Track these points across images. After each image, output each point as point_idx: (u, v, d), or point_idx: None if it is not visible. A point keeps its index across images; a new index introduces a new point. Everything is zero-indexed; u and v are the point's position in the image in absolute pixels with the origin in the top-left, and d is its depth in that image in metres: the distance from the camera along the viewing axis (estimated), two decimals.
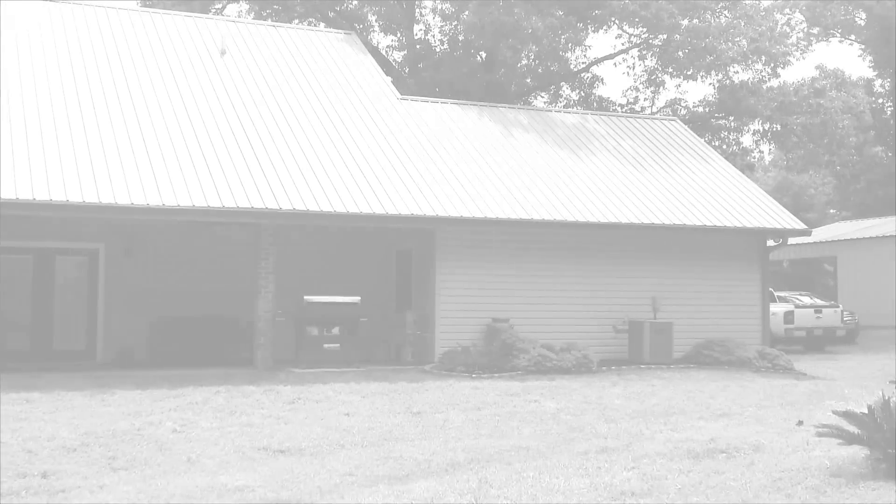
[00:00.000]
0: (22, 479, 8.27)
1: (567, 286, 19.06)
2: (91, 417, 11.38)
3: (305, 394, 13.61)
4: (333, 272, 19.36)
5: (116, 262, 18.61)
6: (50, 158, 15.71)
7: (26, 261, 18.27)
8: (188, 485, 8.20)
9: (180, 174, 16.40)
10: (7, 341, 17.83)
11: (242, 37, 22.32)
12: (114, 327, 18.36)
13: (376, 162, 18.63)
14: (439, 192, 18.29)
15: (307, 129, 19.14)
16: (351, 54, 23.20)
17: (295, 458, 9.50)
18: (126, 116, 17.70)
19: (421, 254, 18.85)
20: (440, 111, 21.94)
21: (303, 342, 17.23)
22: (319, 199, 16.87)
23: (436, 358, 17.59)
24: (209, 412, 12.00)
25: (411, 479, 8.49)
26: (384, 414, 12.25)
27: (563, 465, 8.82)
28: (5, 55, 18.35)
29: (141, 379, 14.55)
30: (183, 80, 19.60)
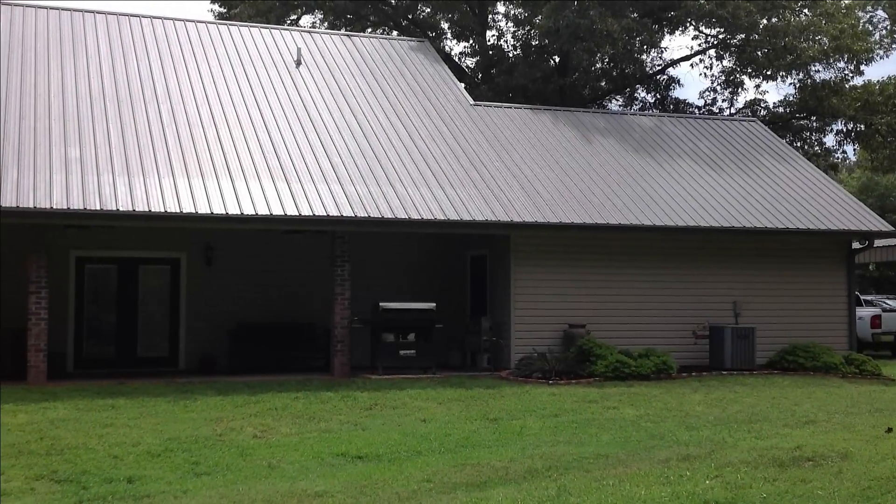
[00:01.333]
0: (108, 485, 8.44)
1: (645, 291, 18.79)
2: (174, 423, 11.59)
3: (382, 400, 13.67)
4: (408, 279, 19.44)
5: (197, 270, 18.97)
6: (133, 170, 16.10)
7: (111, 270, 18.76)
8: (269, 490, 8.27)
9: (257, 183, 16.65)
10: (93, 349, 18.33)
11: (317, 47, 22.60)
12: (195, 335, 18.71)
13: (450, 168, 18.66)
14: (514, 197, 18.21)
15: (381, 136, 19.26)
16: (423, 61, 23.30)
17: (373, 465, 9.52)
18: (205, 126, 18.04)
19: (496, 260, 18.79)
20: (514, 116, 21.86)
21: (379, 348, 17.31)
22: (394, 205, 16.95)
23: (511, 364, 17.51)
24: (288, 418, 12.12)
25: (489, 487, 8.43)
26: (461, 420, 12.22)
27: (643, 474, 8.67)
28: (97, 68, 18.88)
29: (222, 385, 14.79)
30: (259, 91, 19.92)
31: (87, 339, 18.32)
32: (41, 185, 15.11)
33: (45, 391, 13.95)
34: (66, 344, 17.76)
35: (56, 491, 8.26)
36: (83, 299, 18.33)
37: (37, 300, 15.24)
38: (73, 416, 11.95)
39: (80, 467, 9.12)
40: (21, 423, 11.40)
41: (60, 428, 11.12)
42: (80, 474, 8.81)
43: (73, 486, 8.38)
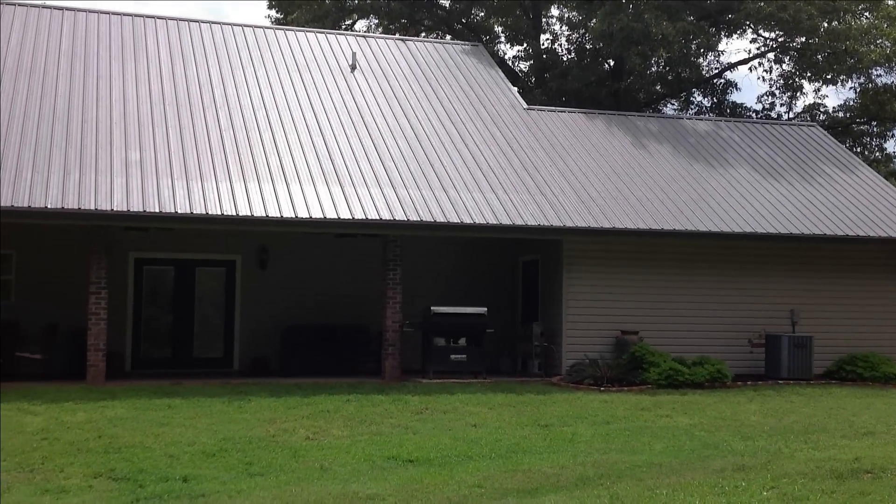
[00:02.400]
0: (164, 483, 8.58)
1: (699, 298, 18.57)
2: (229, 424, 11.74)
3: (433, 404, 13.69)
4: (459, 283, 19.45)
5: (252, 272, 19.20)
6: (191, 173, 16.36)
7: (168, 272, 19.08)
8: (321, 492, 8.33)
9: (312, 187, 16.80)
10: (150, 349, 18.65)
11: (372, 51, 22.75)
12: (249, 336, 18.94)
13: (502, 172, 18.64)
14: (566, 202, 18.14)
15: (433, 140, 19.32)
16: (477, 65, 23.32)
17: (423, 469, 9.53)
18: (261, 130, 18.25)
19: (548, 265, 18.72)
20: (567, 120, 21.78)
21: (430, 353, 17.35)
22: (446, 210, 16.99)
23: (563, 370, 17.43)
24: (340, 420, 12.21)
25: (541, 493, 8.40)
26: (512, 426, 12.19)
27: (697, 483, 8.56)
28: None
29: (275, 387, 14.94)
30: (315, 95, 20.11)
31: (144, 339, 18.65)
32: (102, 187, 15.43)
33: (103, 390, 14.23)
34: (124, 344, 18.10)
35: (113, 489, 8.42)
36: (141, 300, 18.66)
37: (97, 300, 15.55)
38: (131, 415, 12.17)
39: (137, 466, 9.28)
40: (80, 421, 11.64)
41: (118, 426, 11.33)
42: (137, 472, 8.96)
43: (130, 485, 8.53)
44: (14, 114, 16.89)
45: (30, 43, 19.42)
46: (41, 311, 17.08)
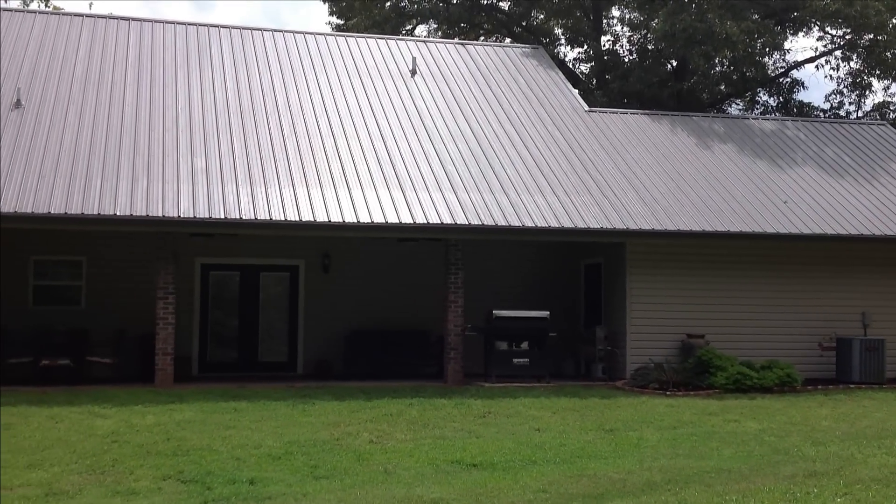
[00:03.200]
0: (231, 486, 8.67)
1: (766, 301, 18.21)
2: (293, 427, 11.83)
3: (496, 408, 13.64)
4: (521, 286, 19.37)
5: (315, 277, 19.37)
6: (255, 180, 16.56)
7: (234, 277, 19.34)
8: (386, 495, 8.34)
9: (373, 191, 16.88)
10: (216, 353, 18.93)
11: (432, 56, 22.81)
12: (312, 340, 19.09)
13: (564, 175, 18.53)
14: (630, 204, 17.95)
15: (494, 143, 19.28)
16: (537, 68, 23.24)
17: (487, 473, 9.49)
18: (323, 136, 18.41)
19: (610, 268, 18.53)
20: (629, 122, 21.56)
21: (492, 356, 17.29)
22: (507, 213, 16.93)
23: (627, 374, 17.23)
24: (403, 424, 12.22)
25: (607, 499, 8.30)
26: (576, 430, 12.08)
27: (767, 490, 8.39)
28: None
29: (338, 390, 15.03)
30: (375, 100, 20.23)
31: (211, 343, 18.94)
32: (169, 194, 15.71)
33: (171, 393, 14.46)
34: (191, 348, 18.39)
35: (182, 491, 8.53)
36: (207, 305, 18.95)
37: (164, 305, 15.82)
38: (199, 417, 12.34)
39: (205, 468, 9.40)
40: (149, 424, 11.84)
41: (186, 429, 11.49)
42: (205, 475, 9.08)
43: (199, 487, 8.64)
44: (83, 123, 17.29)
45: (97, 53, 19.86)
46: (110, 316, 17.44)
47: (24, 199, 14.90)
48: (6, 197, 14.84)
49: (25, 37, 19.92)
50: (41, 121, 17.13)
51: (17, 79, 18.20)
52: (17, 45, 19.55)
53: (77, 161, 16.12)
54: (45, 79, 18.54)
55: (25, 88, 17.90)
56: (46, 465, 9.42)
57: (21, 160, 15.86)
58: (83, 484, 8.71)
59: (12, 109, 17.25)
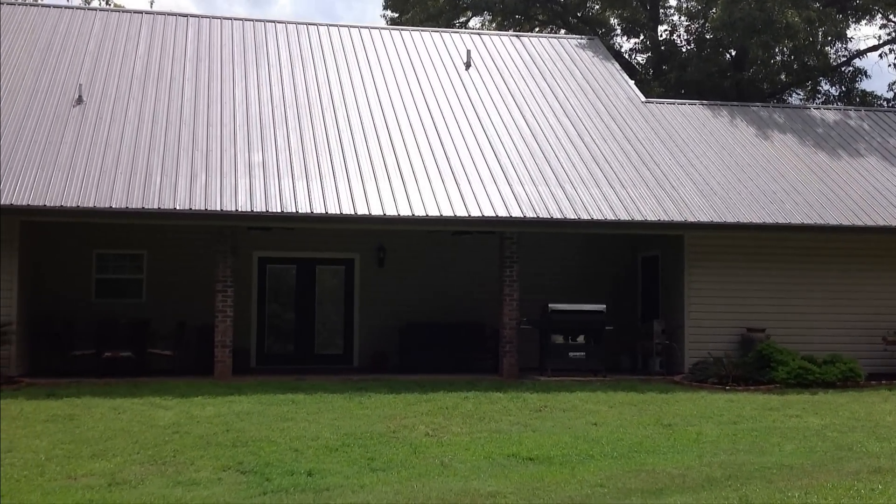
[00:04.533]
0: (290, 477, 8.74)
1: (829, 294, 17.84)
2: (350, 419, 11.90)
3: (552, 402, 13.56)
4: (577, 280, 19.23)
5: (370, 270, 19.45)
6: (311, 174, 16.67)
7: (290, 270, 19.51)
8: (442, 488, 8.34)
9: (428, 184, 16.89)
10: (274, 345, 19.13)
11: (486, 48, 22.74)
12: (368, 333, 19.19)
13: (620, 167, 18.35)
14: (688, 196, 17.71)
15: (549, 136, 19.17)
16: (593, 59, 23.03)
17: (544, 467, 9.43)
18: (378, 130, 18.46)
19: (668, 261, 18.31)
20: (687, 112, 21.27)
21: (547, 350, 17.20)
22: (563, 206, 16.82)
23: (685, 368, 17.02)
24: (459, 417, 12.21)
25: (665, 494, 8.20)
26: (633, 425, 11.96)
27: (831, 486, 8.23)
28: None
29: (394, 383, 15.07)
30: (430, 93, 20.23)
31: (268, 335, 19.14)
32: (227, 188, 15.89)
33: (230, 385, 14.64)
34: (249, 340, 18.60)
35: (242, 482, 8.62)
36: (265, 298, 19.15)
37: (223, 298, 16.02)
38: (257, 409, 12.47)
39: (264, 459, 9.49)
40: (209, 415, 12.00)
41: (245, 421, 11.62)
42: (264, 466, 9.16)
43: (258, 478, 8.72)
44: (143, 119, 17.57)
45: (157, 50, 20.17)
46: (171, 308, 17.71)
47: (87, 194, 15.20)
48: (69, 192, 15.15)
49: (86, 34, 20.30)
50: (102, 117, 17.45)
51: (78, 75, 18.56)
52: (78, 42, 19.93)
53: (137, 156, 16.38)
54: (105, 75, 18.87)
55: (87, 85, 18.23)
56: (110, 456, 9.60)
57: (83, 155, 16.18)
58: (145, 474, 8.85)
59: (74, 106, 17.60)
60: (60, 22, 20.64)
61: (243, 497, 8.06)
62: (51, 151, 16.13)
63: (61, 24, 20.56)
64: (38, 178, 15.38)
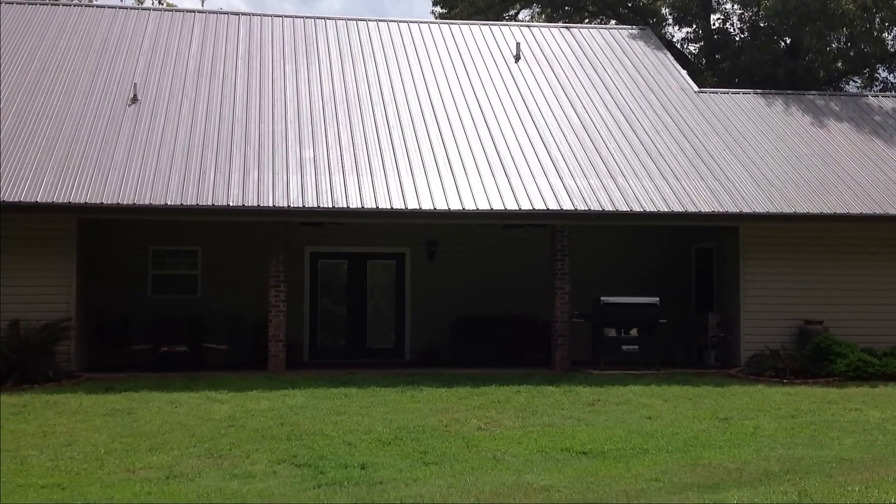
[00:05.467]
0: (344, 470, 8.79)
1: (889, 285, 17.45)
2: (402, 413, 11.93)
3: (605, 396, 13.46)
4: (629, 273, 19.04)
5: (421, 264, 19.48)
6: (361, 169, 16.74)
7: (341, 265, 19.63)
8: (495, 482, 8.32)
9: (478, 178, 16.86)
10: (326, 339, 19.26)
11: (536, 40, 22.61)
12: (419, 327, 19.23)
13: (673, 158, 18.13)
14: (742, 187, 17.44)
15: (600, 127, 19.01)
16: (645, 49, 22.78)
17: (598, 461, 9.37)
18: (427, 124, 18.47)
19: (723, 253, 18.05)
20: (741, 102, 20.95)
21: (600, 344, 17.08)
22: (615, 198, 16.67)
23: (741, 361, 16.77)
24: (511, 411, 12.18)
25: (722, 489, 8.09)
26: (688, 419, 11.82)
27: (892, 480, 8.07)
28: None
29: (445, 377, 15.07)
30: (479, 87, 20.18)
31: (320, 330, 19.28)
32: (279, 184, 16.02)
33: (284, 379, 14.76)
34: (302, 335, 18.75)
35: (296, 475, 8.69)
36: (317, 292, 19.29)
37: (276, 293, 16.16)
38: (310, 403, 12.57)
39: (318, 452, 9.55)
40: (263, 409, 12.12)
41: (299, 414, 11.72)
42: (318, 459, 9.23)
43: (312, 471, 8.79)
44: (197, 117, 17.78)
45: (209, 48, 20.39)
46: (225, 303, 17.92)
47: (142, 192, 15.43)
48: (125, 189, 15.40)
49: (140, 34, 20.60)
50: (157, 115, 17.70)
51: (132, 75, 18.84)
52: (132, 42, 20.24)
53: (191, 153, 16.59)
54: (159, 74, 19.13)
55: (141, 84, 18.51)
56: (167, 449, 9.74)
57: (138, 154, 16.42)
58: (202, 467, 8.96)
59: (129, 105, 17.87)
60: (115, 22, 20.97)
61: (298, 490, 8.12)
62: (107, 150, 16.40)
63: (116, 24, 20.90)
64: (95, 176, 15.65)
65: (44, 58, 19.17)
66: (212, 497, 7.84)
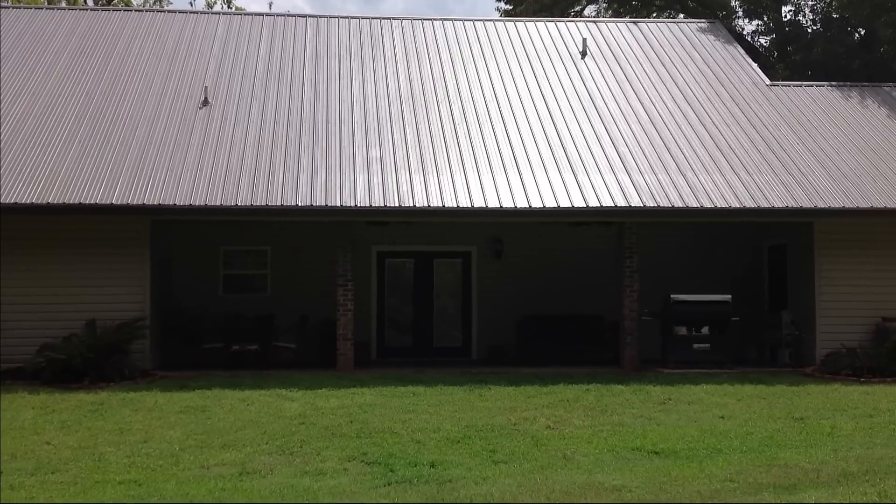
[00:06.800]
0: (413, 468, 8.80)
1: None
2: (470, 411, 11.91)
3: (676, 395, 13.26)
4: (699, 269, 18.74)
5: (487, 263, 19.45)
6: (427, 168, 16.77)
7: (408, 263, 19.70)
8: (566, 481, 8.25)
9: (544, 176, 16.75)
10: (393, 338, 19.34)
11: (602, 36, 22.41)
12: (485, 325, 19.19)
13: (744, 153, 17.79)
14: (816, 182, 17.03)
15: (669, 123, 18.75)
16: (714, 43, 22.42)
17: (670, 461, 9.23)
18: (493, 122, 18.42)
19: (797, 249, 17.65)
20: (814, 95, 20.48)
21: (670, 342, 16.84)
22: (685, 194, 16.42)
23: (816, 360, 16.39)
24: (580, 410, 12.08)
25: (799, 489, 7.90)
26: (762, 418, 11.58)
27: None
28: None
29: (513, 376, 15.01)
30: (545, 84, 20.07)
31: (388, 328, 19.36)
32: (346, 184, 16.14)
33: (352, 378, 14.86)
34: (369, 333, 18.86)
35: (366, 472, 8.73)
36: (384, 291, 19.39)
37: (344, 292, 16.28)
38: (379, 401, 12.63)
39: (387, 450, 9.59)
40: (333, 407, 12.21)
41: (368, 412, 11.78)
42: (388, 457, 9.26)
43: (382, 468, 8.82)
44: (266, 118, 18.01)
45: (277, 51, 20.65)
46: (293, 302, 18.12)
47: (213, 193, 15.68)
48: (197, 190, 15.66)
49: (210, 38, 20.96)
50: (227, 117, 17.97)
51: (203, 78, 19.16)
52: (203, 46, 20.59)
53: (260, 154, 16.81)
54: (229, 77, 19.43)
55: (212, 87, 18.81)
56: (240, 446, 9.87)
57: (209, 155, 16.69)
58: (274, 464, 9.06)
59: (200, 108, 18.18)
60: (186, 26, 21.37)
61: (368, 487, 8.16)
62: (179, 152, 16.71)
63: (187, 28, 21.29)
64: (168, 178, 15.95)
65: (118, 62, 19.61)
66: (284, 494, 7.92)
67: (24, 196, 15.15)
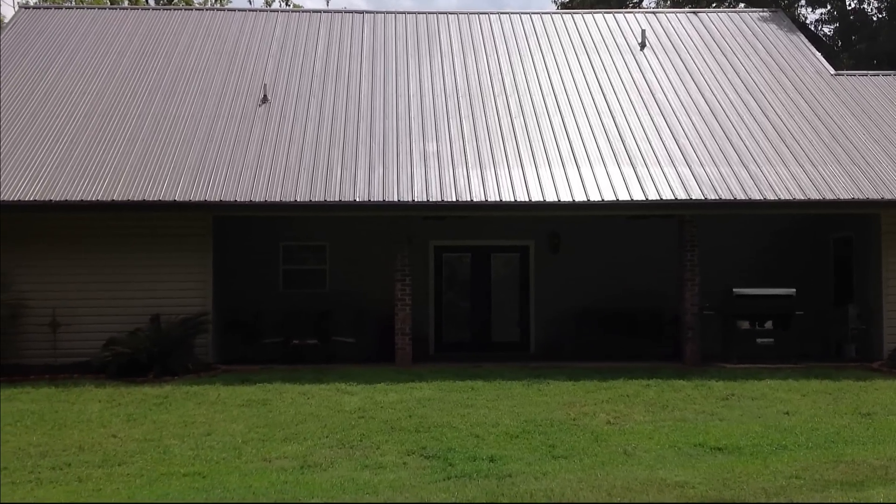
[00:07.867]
0: (472, 463, 8.80)
1: None
2: (529, 406, 11.87)
3: (739, 390, 13.06)
4: (761, 263, 18.42)
5: (544, 257, 19.35)
6: (484, 162, 16.73)
7: (465, 258, 19.68)
8: (627, 477, 8.17)
9: (602, 169, 16.61)
10: (451, 333, 19.35)
11: (661, 27, 22.12)
12: (543, 320, 19.09)
13: (808, 144, 17.43)
14: (884, 172, 16.62)
15: (730, 113, 18.44)
16: (777, 32, 22.00)
17: (733, 457, 9.09)
18: (550, 115, 18.32)
19: (863, 241, 17.24)
20: (881, 84, 19.97)
21: (732, 336, 16.57)
22: (747, 186, 16.14)
23: (884, 355, 15.99)
24: (641, 405, 11.95)
25: (867, 486, 7.72)
26: (828, 414, 11.34)
27: None
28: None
29: (571, 370, 14.91)
30: (603, 76, 19.89)
31: (445, 323, 19.38)
32: (404, 179, 16.18)
33: (411, 372, 14.90)
34: (427, 328, 18.90)
35: (426, 466, 8.76)
36: (441, 286, 19.40)
37: (402, 287, 16.33)
38: (437, 396, 12.65)
39: (446, 445, 9.60)
40: (392, 401, 12.26)
41: (427, 407, 11.80)
42: (446, 451, 9.27)
43: (441, 462, 8.83)
44: (324, 115, 18.14)
45: (335, 48, 20.78)
46: (352, 297, 18.22)
47: (273, 189, 15.84)
48: (257, 187, 15.84)
49: (269, 36, 21.17)
50: (286, 115, 18.13)
51: (262, 76, 19.36)
52: (262, 44, 20.81)
53: (319, 151, 16.93)
54: (287, 75, 19.61)
55: (271, 85, 18.99)
56: (301, 439, 9.97)
57: (269, 152, 16.86)
58: (334, 457, 9.13)
59: (259, 105, 18.38)
60: (245, 25, 21.62)
61: (428, 481, 8.17)
62: (239, 150, 16.91)
63: (246, 26, 21.54)
64: (229, 175, 16.16)
65: (178, 61, 19.92)
66: (345, 487, 7.97)
67: (90, 193, 15.48)
